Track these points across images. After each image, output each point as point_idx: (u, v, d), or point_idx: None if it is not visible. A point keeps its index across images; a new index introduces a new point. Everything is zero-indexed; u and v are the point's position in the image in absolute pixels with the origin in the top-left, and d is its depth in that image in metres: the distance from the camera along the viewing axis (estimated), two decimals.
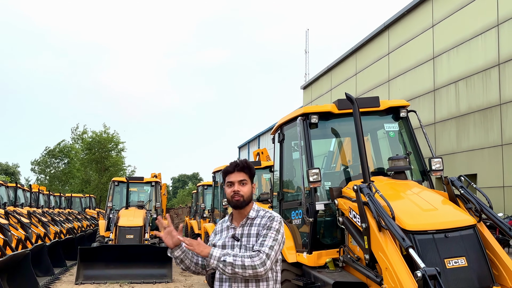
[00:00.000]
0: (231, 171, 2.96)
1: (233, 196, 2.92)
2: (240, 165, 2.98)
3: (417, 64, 20.45)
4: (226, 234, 2.99)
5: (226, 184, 2.98)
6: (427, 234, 4.17)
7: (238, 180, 2.93)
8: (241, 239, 2.91)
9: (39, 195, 20.57)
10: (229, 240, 2.94)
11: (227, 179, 2.98)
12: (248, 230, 2.93)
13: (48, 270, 11.76)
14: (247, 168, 2.98)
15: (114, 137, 40.86)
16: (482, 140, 16.73)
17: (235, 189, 2.92)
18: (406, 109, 6.01)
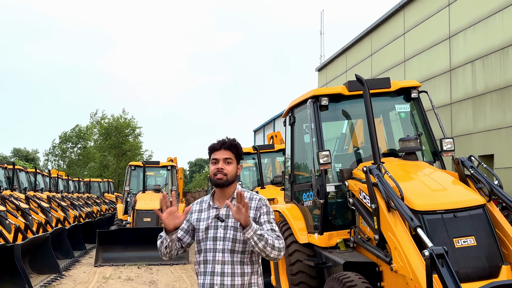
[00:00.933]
0: (217, 148, 2.88)
1: (216, 173, 2.83)
2: (227, 143, 2.89)
3: (433, 44, 20.16)
4: (208, 214, 2.88)
5: (211, 161, 2.88)
6: (436, 214, 4.19)
7: (223, 158, 2.84)
8: (226, 220, 2.82)
9: (58, 180, 20.94)
10: (212, 221, 2.84)
11: (212, 156, 2.88)
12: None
13: (68, 253, 12.07)
14: (234, 147, 2.89)
15: (131, 122, 41.25)
16: (499, 120, 16.50)
17: (219, 166, 2.83)
18: (417, 90, 5.98)
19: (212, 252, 2.79)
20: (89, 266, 11.28)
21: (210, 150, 2.91)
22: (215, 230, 2.81)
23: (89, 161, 45.16)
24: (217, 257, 2.77)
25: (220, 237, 2.80)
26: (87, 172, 44.55)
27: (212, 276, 2.76)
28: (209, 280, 2.76)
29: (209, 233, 2.82)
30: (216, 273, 2.76)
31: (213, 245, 2.80)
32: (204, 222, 2.85)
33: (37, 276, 9.55)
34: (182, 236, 2.92)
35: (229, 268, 2.77)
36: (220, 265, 2.76)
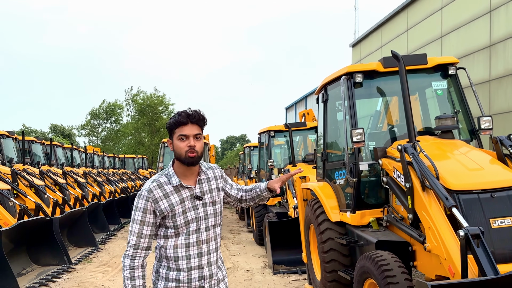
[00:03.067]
0: (185, 123, 2.60)
1: (188, 151, 2.59)
2: (196, 116, 2.62)
3: (472, 19, 19.47)
4: (180, 196, 2.64)
5: (178, 137, 2.61)
6: (472, 193, 4.10)
7: (194, 134, 2.61)
8: (203, 197, 2.70)
9: (94, 156, 21.44)
10: (190, 202, 2.65)
11: (178, 132, 2.61)
12: (207, 186, 2.73)
13: (104, 227, 12.42)
14: (202, 121, 2.65)
15: (163, 99, 41.69)
16: None
17: (191, 143, 2.59)
18: (455, 66, 5.80)
19: (196, 233, 2.65)
20: (124, 240, 11.59)
21: (174, 125, 2.62)
22: (195, 210, 2.66)
23: (122, 137, 46.00)
24: (201, 237, 2.66)
25: (201, 216, 2.68)
26: (122, 149, 45.43)
27: (200, 258, 2.66)
28: (197, 262, 2.64)
29: (188, 216, 2.64)
30: (203, 253, 2.67)
31: (196, 226, 2.66)
32: (179, 205, 2.63)
33: (75, 249, 9.88)
34: (150, 243, 2.67)
35: (212, 245, 2.72)
36: (205, 244, 2.68)
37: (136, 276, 2.58)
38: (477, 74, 18.68)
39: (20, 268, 7.63)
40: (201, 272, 2.66)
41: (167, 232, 2.65)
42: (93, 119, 46.94)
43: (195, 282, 2.64)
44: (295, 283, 7.33)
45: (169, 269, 2.65)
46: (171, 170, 2.69)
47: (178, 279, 2.63)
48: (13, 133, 14.10)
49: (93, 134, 47.23)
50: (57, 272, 7.77)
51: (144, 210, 2.59)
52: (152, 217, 2.60)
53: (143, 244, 2.61)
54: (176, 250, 2.63)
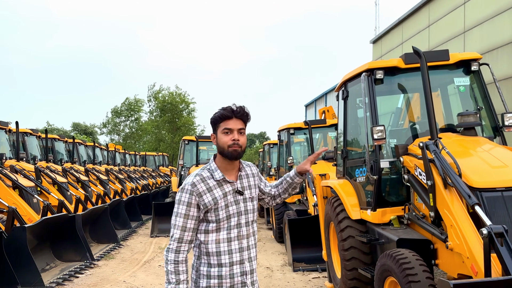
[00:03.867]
0: (229, 117, 2.64)
1: (232, 145, 2.61)
2: (240, 111, 2.65)
3: (496, 13, 19.11)
4: (222, 191, 2.66)
5: (222, 130, 2.63)
6: (496, 191, 4.03)
7: (238, 128, 2.63)
8: (244, 192, 2.72)
9: (115, 153, 21.69)
10: (232, 197, 2.67)
11: (223, 125, 2.64)
12: (246, 182, 2.76)
13: (126, 224, 12.57)
14: (246, 116, 2.68)
15: (185, 98, 41.94)
16: None
17: (236, 137, 2.61)
18: (478, 62, 5.71)
19: (237, 228, 2.67)
20: (145, 237, 11.71)
21: (219, 119, 2.65)
22: (237, 205, 2.68)
23: (143, 134, 46.42)
24: (242, 232, 2.68)
25: (242, 210, 2.70)
26: (143, 146, 45.87)
27: (241, 252, 2.66)
28: (238, 257, 2.65)
29: (230, 210, 2.66)
30: (243, 248, 2.68)
31: (237, 220, 2.67)
32: (222, 199, 2.64)
33: (97, 245, 10.02)
34: (193, 237, 2.66)
35: (251, 240, 2.74)
36: (246, 240, 2.69)
37: (181, 270, 2.57)
38: (501, 70, 18.35)
39: (44, 263, 7.77)
40: (242, 267, 2.66)
41: (208, 227, 2.64)
42: (115, 117, 47.43)
43: (237, 277, 2.63)
44: (315, 280, 7.32)
45: (209, 265, 2.63)
46: (214, 164, 2.70)
47: (220, 275, 2.61)
48: (36, 131, 14.35)
49: (115, 132, 47.74)
50: (79, 268, 7.90)
51: (188, 204, 2.59)
52: (196, 211, 2.61)
53: (187, 237, 2.60)
54: (218, 244, 2.62)
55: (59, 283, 6.97)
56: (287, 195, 3.10)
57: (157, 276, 7.70)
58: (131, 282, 7.25)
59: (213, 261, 2.63)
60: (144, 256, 9.32)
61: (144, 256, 9.37)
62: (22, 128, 12.41)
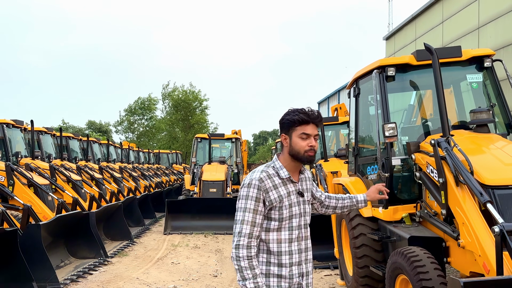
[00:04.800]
0: (308, 122, 2.62)
1: (309, 151, 2.62)
2: (318, 117, 2.65)
3: (511, 9, 18.86)
4: (287, 190, 2.65)
5: (299, 135, 2.61)
6: (508, 189, 3.99)
7: (314, 134, 2.64)
8: (304, 194, 2.74)
9: (129, 151, 21.85)
10: (295, 197, 2.68)
11: (300, 130, 2.62)
12: (305, 185, 2.78)
13: (139, 221, 12.67)
14: (321, 122, 2.68)
15: (198, 95, 42.09)
16: None
17: (313, 144, 2.62)
18: (491, 59, 5.65)
19: (297, 229, 2.67)
20: (158, 234, 11.79)
21: (298, 122, 2.62)
22: (299, 206, 2.68)
23: (157, 132, 46.66)
24: (302, 233, 2.70)
25: (303, 212, 2.71)
26: (156, 144, 46.13)
27: (300, 254, 2.67)
28: (297, 258, 2.64)
29: (293, 210, 2.65)
30: (302, 249, 2.68)
31: (299, 221, 2.68)
32: (286, 198, 2.63)
33: (111, 243, 10.12)
34: (261, 232, 2.62)
35: (309, 243, 2.75)
36: (304, 241, 2.70)
37: (255, 265, 2.53)
38: None
39: (59, 260, 7.87)
40: (300, 269, 2.66)
41: (270, 225, 2.61)
42: (129, 115, 47.74)
43: (295, 278, 2.63)
44: (327, 278, 7.32)
45: (268, 264, 2.61)
46: (279, 163, 2.69)
47: (280, 275, 2.60)
48: (51, 130, 14.52)
49: (129, 130, 48.07)
50: (93, 265, 7.98)
51: (256, 199, 2.56)
52: (262, 206, 2.58)
53: (256, 232, 2.56)
54: (280, 244, 2.61)
55: (73, 280, 7.05)
56: (340, 212, 3.18)
57: (170, 273, 7.76)
58: (144, 279, 7.32)
59: (273, 259, 2.61)
60: (157, 253, 9.39)
61: (158, 253, 9.44)
62: (37, 127, 12.57)
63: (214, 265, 8.34)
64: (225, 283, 7.13)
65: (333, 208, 3.13)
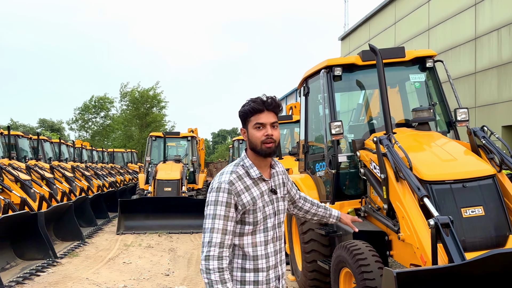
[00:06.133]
0: (261, 110, 2.40)
1: (266, 141, 2.39)
2: (272, 103, 2.41)
3: (458, 11, 19.59)
4: (259, 190, 2.45)
5: (254, 126, 2.40)
6: (444, 184, 4.18)
7: (271, 122, 2.40)
8: (277, 190, 2.54)
9: (82, 150, 21.38)
10: (268, 196, 2.47)
11: (254, 120, 2.40)
12: (277, 180, 2.56)
13: (91, 221, 12.44)
14: (277, 107, 2.43)
15: (158, 95, 41.62)
16: None
17: (269, 132, 2.38)
18: (432, 59, 5.88)
19: (272, 229, 2.49)
20: (111, 234, 11.62)
21: (250, 112, 2.41)
22: (273, 205, 2.49)
23: (111, 131, 45.84)
24: (277, 234, 2.52)
25: (277, 211, 2.52)
26: (111, 143, 45.29)
27: (276, 256, 2.49)
28: (274, 261, 2.47)
29: (267, 211, 2.46)
30: (278, 250, 2.52)
31: (273, 221, 2.49)
32: (260, 199, 2.43)
33: (61, 243, 9.90)
34: (233, 240, 2.41)
35: (283, 242, 2.57)
36: (278, 242, 2.53)
37: (227, 278, 2.30)
38: (463, 67, 18.83)
39: (4, 262, 7.65)
40: (276, 272, 2.49)
41: (244, 229, 2.41)
42: (83, 113, 46.65)
43: (272, 282, 2.45)
44: None
45: (244, 270, 2.41)
46: (248, 161, 2.46)
47: (256, 281, 2.40)
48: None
49: (83, 128, 46.97)
50: (41, 266, 7.79)
51: (227, 204, 2.33)
52: (234, 212, 2.35)
53: (228, 241, 2.34)
54: (255, 248, 2.41)
55: (19, 282, 6.87)
56: (309, 218, 3.03)
57: (121, 273, 7.67)
58: (94, 279, 7.21)
59: (249, 265, 2.41)
60: (109, 253, 9.25)
61: (109, 253, 9.30)
62: None
63: (166, 264, 8.30)
64: (176, 282, 7.12)
65: (304, 212, 2.98)
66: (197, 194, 15.68)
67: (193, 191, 15.65)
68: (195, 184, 15.98)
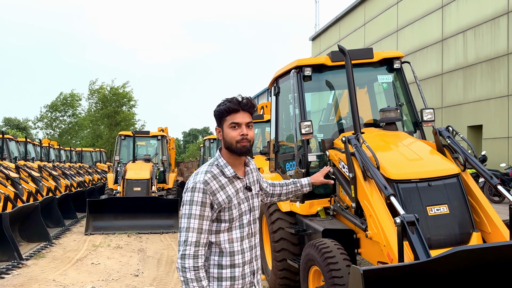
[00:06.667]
0: (237, 110, 2.48)
1: (241, 140, 2.48)
2: (248, 103, 2.50)
3: (426, 14, 20.00)
4: (234, 188, 2.53)
5: (229, 125, 2.48)
6: (410, 183, 4.27)
7: (246, 122, 2.49)
8: (252, 187, 2.63)
9: (50, 149, 20.94)
10: (242, 194, 2.56)
11: (230, 119, 2.48)
12: (252, 178, 2.66)
13: (59, 222, 12.19)
14: (253, 108, 2.53)
15: (128, 94, 41.08)
16: (488, 90, 16.57)
17: (244, 132, 2.47)
18: (400, 61, 5.99)
19: (247, 226, 2.57)
20: (79, 235, 11.42)
21: (225, 112, 2.49)
22: (248, 202, 2.58)
23: (80, 130, 45.04)
24: (252, 230, 2.60)
25: (252, 208, 2.61)
26: (80, 142, 44.49)
27: (251, 251, 2.57)
28: (249, 256, 2.56)
29: (242, 208, 2.54)
30: (253, 246, 2.60)
31: (248, 218, 2.58)
32: (235, 197, 2.51)
33: (27, 244, 9.68)
34: (208, 239, 2.47)
35: (257, 238, 2.66)
36: (253, 237, 2.61)
37: (202, 277, 2.37)
38: (430, 68, 19.24)
39: None
40: (251, 266, 2.58)
41: (220, 227, 2.48)
42: (50, 111, 45.63)
43: (248, 277, 2.54)
44: None
45: (220, 267, 2.48)
46: (222, 160, 2.54)
47: (233, 277, 2.48)
48: None
49: (51, 127, 45.94)
50: (6, 268, 7.59)
51: (202, 204, 2.40)
52: (209, 211, 2.43)
53: (203, 240, 2.41)
54: (232, 244, 2.49)
55: None
56: (285, 198, 3.08)
57: (89, 274, 7.55)
58: (61, 281, 7.07)
59: (226, 262, 2.49)
60: (77, 254, 9.09)
61: (77, 254, 9.14)
62: None
63: (136, 265, 8.21)
64: (146, 282, 7.05)
65: (278, 196, 3.04)
66: (167, 194, 15.56)
67: (163, 191, 15.53)
68: (165, 184, 15.86)
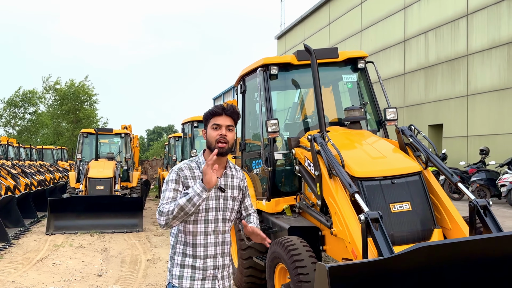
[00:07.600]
0: (219, 113, 2.74)
1: (219, 140, 2.70)
2: (230, 109, 2.76)
3: (389, 14, 20.38)
4: None
5: (211, 126, 2.73)
6: (374, 180, 4.36)
7: (226, 125, 2.72)
8: (226, 190, 2.79)
9: (8, 147, 20.33)
10: (213, 191, 2.73)
11: (212, 121, 2.73)
12: (230, 182, 2.83)
13: (18, 221, 11.84)
14: (235, 114, 2.78)
15: (87, 89, 40.13)
16: (449, 90, 17.05)
17: (223, 133, 2.70)
18: (364, 60, 6.09)
19: (214, 223, 2.72)
20: (40, 235, 11.13)
21: (210, 115, 2.75)
22: (217, 200, 2.73)
23: (41, 127, 43.83)
24: (219, 227, 2.73)
25: (221, 207, 2.75)
26: (40, 139, 43.32)
27: (216, 247, 2.73)
28: (213, 251, 2.72)
29: (209, 204, 2.71)
30: (220, 243, 2.74)
31: (215, 215, 2.73)
32: None
33: None
34: None
35: (227, 237, 2.80)
36: (221, 235, 2.75)
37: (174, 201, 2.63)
38: (393, 68, 19.64)
39: None
40: (216, 261, 2.74)
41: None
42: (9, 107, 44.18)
43: (210, 270, 2.72)
44: None
45: (184, 255, 2.72)
46: (202, 158, 2.81)
47: (194, 266, 2.70)
48: None
49: (9, 124, 44.51)
50: None
51: (176, 181, 2.70)
52: (182, 188, 2.69)
53: None
54: (195, 237, 2.70)
55: None
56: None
57: (51, 275, 7.37)
58: (20, 282, 6.88)
59: (189, 251, 2.71)
60: (37, 255, 8.86)
61: (38, 254, 8.91)
62: None
63: (99, 265, 8.06)
64: (109, 282, 6.94)
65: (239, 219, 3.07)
66: (130, 192, 15.34)
67: (126, 189, 15.29)
68: (129, 183, 15.63)
